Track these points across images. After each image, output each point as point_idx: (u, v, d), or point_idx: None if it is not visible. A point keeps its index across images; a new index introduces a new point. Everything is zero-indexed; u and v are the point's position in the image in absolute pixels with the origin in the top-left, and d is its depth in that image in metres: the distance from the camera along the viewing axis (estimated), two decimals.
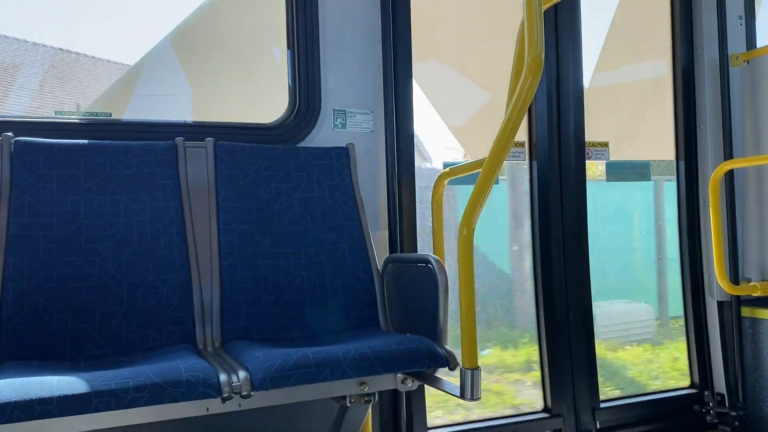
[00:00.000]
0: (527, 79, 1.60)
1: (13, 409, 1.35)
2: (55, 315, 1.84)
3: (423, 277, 1.90)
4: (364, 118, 2.47)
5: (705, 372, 3.07)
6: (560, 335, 2.80)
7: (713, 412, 3.00)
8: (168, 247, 2.00)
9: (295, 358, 1.61)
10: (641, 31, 3.23)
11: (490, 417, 2.74)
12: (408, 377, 1.85)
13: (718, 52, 3.02)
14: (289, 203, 2.18)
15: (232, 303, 2.00)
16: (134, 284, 1.93)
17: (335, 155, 2.29)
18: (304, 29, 2.38)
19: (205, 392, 1.51)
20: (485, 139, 2.17)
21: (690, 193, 3.09)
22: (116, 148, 2.05)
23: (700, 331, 3.08)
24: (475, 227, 1.67)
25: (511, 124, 1.65)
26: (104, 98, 2.49)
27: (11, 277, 1.81)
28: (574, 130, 2.86)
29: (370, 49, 2.50)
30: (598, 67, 3.10)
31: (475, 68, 2.92)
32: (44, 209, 1.92)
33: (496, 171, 1.69)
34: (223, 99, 2.57)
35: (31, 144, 1.96)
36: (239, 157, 2.16)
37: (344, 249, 2.18)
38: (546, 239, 2.81)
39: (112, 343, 1.87)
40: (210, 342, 1.95)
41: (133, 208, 2.01)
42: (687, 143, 3.09)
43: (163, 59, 2.53)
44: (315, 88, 2.39)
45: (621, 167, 3.10)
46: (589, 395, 2.82)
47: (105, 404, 1.42)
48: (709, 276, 3.03)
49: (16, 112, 2.41)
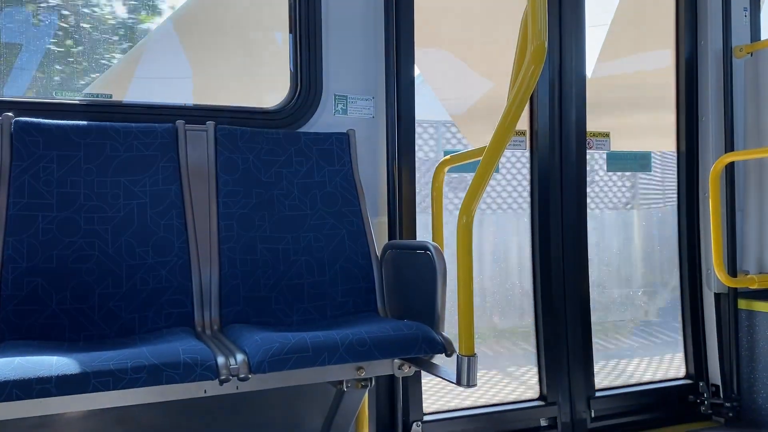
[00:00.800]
0: (530, 68, 1.59)
1: (12, 387, 1.36)
2: (54, 295, 1.84)
3: (422, 264, 1.91)
4: (366, 104, 2.47)
5: (700, 363, 3.08)
6: (557, 324, 2.81)
7: (708, 403, 3.02)
8: (167, 230, 2.00)
9: (293, 341, 1.62)
10: (645, 21, 3.21)
11: (485, 404, 2.76)
12: (405, 363, 1.86)
13: (722, 43, 3.01)
14: (289, 188, 2.18)
15: (231, 286, 2.00)
16: (133, 266, 1.94)
17: (336, 141, 2.29)
18: (306, 14, 2.37)
19: (202, 374, 1.52)
20: (486, 127, 2.17)
21: (690, 185, 3.09)
22: (116, 130, 2.05)
23: (696, 322, 3.09)
24: (474, 215, 1.67)
25: (512, 112, 1.65)
26: (105, 79, 2.48)
27: (11, 257, 1.82)
28: (576, 120, 2.86)
29: (373, 35, 2.49)
30: (601, 57, 3.09)
31: (477, 56, 2.91)
32: (44, 190, 1.92)
33: (497, 159, 1.69)
34: (224, 82, 2.56)
35: (31, 124, 1.95)
36: (240, 141, 2.16)
37: (343, 234, 2.18)
38: (545, 229, 2.82)
39: (111, 324, 1.88)
40: (208, 325, 1.96)
41: (133, 191, 2.01)
42: (688, 134, 3.09)
43: (165, 41, 2.52)
44: (317, 73, 2.38)
45: (621, 158, 3.09)
46: (584, 384, 2.83)
47: (103, 384, 1.43)
48: (707, 268, 3.04)
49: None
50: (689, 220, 3.09)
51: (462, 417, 2.64)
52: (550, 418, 2.78)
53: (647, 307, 3.27)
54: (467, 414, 2.66)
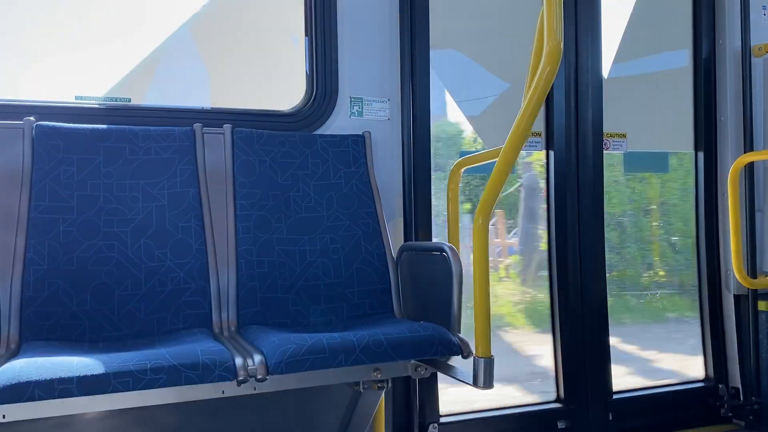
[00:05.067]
0: (545, 69, 1.59)
1: (35, 388, 1.38)
2: (74, 297, 1.87)
3: (437, 266, 1.91)
4: (381, 106, 2.47)
5: (720, 365, 3.05)
6: (574, 326, 2.79)
7: (728, 406, 2.98)
8: (186, 232, 2.02)
9: (310, 343, 1.63)
10: (662, 20, 3.19)
11: (503, 407, 2.75)
12: (421, 364, 1.86)
13: (741, 42, 2.98)
14: (305, 190, 2.20)
15: (248, 288, 2.02)
16: (152, 268, 1.96)
17: (351, 143, 2.30)
18: (321, 16, 2.38)
19: (221, 375, 1.53)
20: (502, 128, 2.16)
21: (708, 185, 3.06)
22: (135, 133, 2.07)
23: (715, 324, 3.05)
24: (490, 216, 1.67)
25: (528, 113, 1.64)
26: (124, 83, 2.51)
27: (32, 259, 1.85)
28: (593, 121, 2.84)
29: (388, 37, 2.49)
30: (618, 58, 3.07)
31: (493, 57, 2.90)
32: (64, 193, 1.94)
33: (513, 161, 1.69)
34: (240, 85, 2.58)
35: (52, 128, 1.98)
36: (256, 144, 2.18)
37: (359, 236, 2.19)
38: (562, 230, 2.80)
39: (130, 325, 1.90)
40: (226, 326, 1.98)
41: (152, 193, 2.03)
42: (707, 135, 3.05)
43: (182, 45, 2.54)
44: (332, 75, 2.39)
45: (639, 158, 3.07)
46: (602, 386, 2.81)
47: (123, 385, 1.45)
48: (726, 269, 3.01)
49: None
50: (708, 221, 3.06)
51: (479, 419, 2.63)
52: (568, 420, 2.76)
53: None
54: (484, 416, 2.65)
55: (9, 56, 2.37)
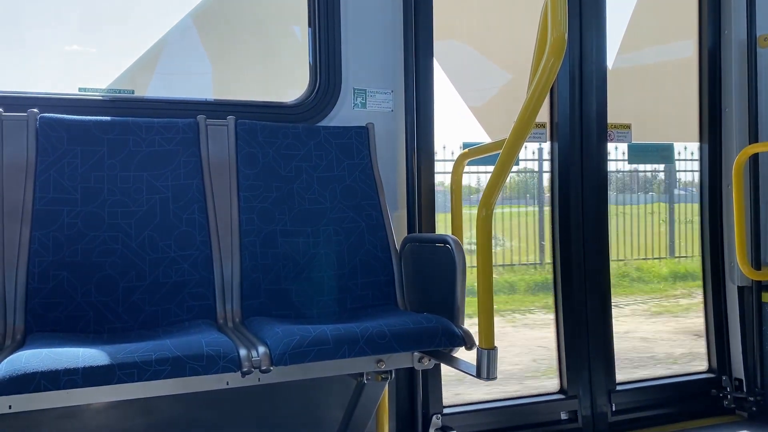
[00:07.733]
0: (549, 59, 1.58)
1: (40, 378, 1.39)
2: (79, 288, 1.88)
3: (441, 257, 1.91)
4: (384, 98, 2.47)
5: (723, 357, 3.05)
6: (578, 318, 2.79)
7: (731, 397, 2.99)
8: (189, 224, 2.02)
9: (314, 334, 1.63)
10: (667, 10, 3.17)
11: (506, 398, 2.75)
12: (425, 356, 1.87)
13: (747, 33, 2.96)
14: (308, 182, 2.20)
15: (252, 279, 2.02)
16: (156, 260, 1.97)
17: (355, 134, 2.30)
18: (325, 7, 2.38)
19: (225, 366, 1.54)
20: (505, 119, 2.16)
21: (713, 177, 3.05)
22: (138, 125, 2.07)
23: (719, 315, 3.05)
24: (494, 208, 1.67)
25: (532, 104, 1.64)
26: (127, 75, 2.51)
27: (37, 251, 1.85)
28: (597, 112, 2.83)
29: (391, 28, 2.48)
30: (622, 48, 3.05)
31: (496, 48, 2.89)
32: (68, 185, 1.95)
33: (517, 152, 1.68)
34: (244, 77, 2.57)
35: (55, 120, 1.98)
36: (260, 136, 2.18)
37: (363, 228, 2.19)
38: (566, 221, 2.80)
39: (135, 316, 1.91)
40: (230, 317, 1.99)
41: (156, 185, 2.04)
42: (711, 126, 3.04)
43: (185, 37, 2.54)
44: (335, 66, 2.39)
45: (643, 150, 3.06)
46: (605, 377, 2.82)
47: (128, 376, 1.45)
48: (731, 261, 3.00)
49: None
50: (712, 212, 3.05)
51: (482, 410, 2.64)
52: (571, 412, 2.77)
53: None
54: (487, 407, 2.66)
55: (12, 48, 2.37)
